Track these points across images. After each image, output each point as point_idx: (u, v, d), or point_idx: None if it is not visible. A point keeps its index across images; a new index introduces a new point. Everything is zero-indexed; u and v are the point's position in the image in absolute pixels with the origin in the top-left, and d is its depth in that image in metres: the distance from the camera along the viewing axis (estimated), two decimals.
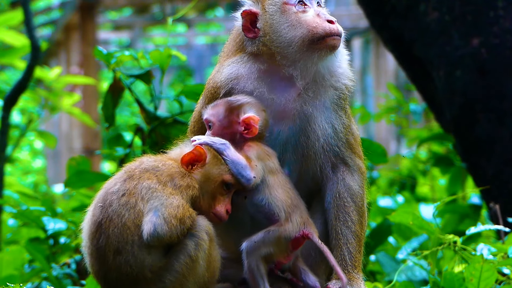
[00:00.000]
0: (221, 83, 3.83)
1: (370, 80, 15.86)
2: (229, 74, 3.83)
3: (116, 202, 3.41)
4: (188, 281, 3.43)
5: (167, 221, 3.35)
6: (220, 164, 3.61)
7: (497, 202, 5.33)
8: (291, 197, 3.68)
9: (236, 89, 3.80)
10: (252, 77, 3.81)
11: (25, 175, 19.94)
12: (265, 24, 3.79)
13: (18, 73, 8.68)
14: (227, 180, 3.60)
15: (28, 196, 6.52)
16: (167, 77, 20.16)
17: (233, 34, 3.97)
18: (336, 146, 3.84)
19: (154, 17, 19.67)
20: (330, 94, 3.84)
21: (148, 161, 3.56)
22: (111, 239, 3.38)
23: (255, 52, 3.82)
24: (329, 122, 3.83)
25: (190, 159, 3.58)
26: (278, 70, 3.80)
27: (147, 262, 3.38)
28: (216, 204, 3.59)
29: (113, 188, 3.46)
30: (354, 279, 3.74)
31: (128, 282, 3.40)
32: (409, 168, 9.04)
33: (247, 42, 3.84)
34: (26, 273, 5.22)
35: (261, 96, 3.78)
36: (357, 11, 13.68)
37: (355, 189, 3.85)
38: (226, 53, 3.96)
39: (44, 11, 17.12)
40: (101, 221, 3.41)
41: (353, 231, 3.80)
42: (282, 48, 3.76)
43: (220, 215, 3.59)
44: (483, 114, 5.71)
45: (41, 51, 6.97)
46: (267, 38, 3.77)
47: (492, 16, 5.72)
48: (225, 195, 3.62)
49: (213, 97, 3.83)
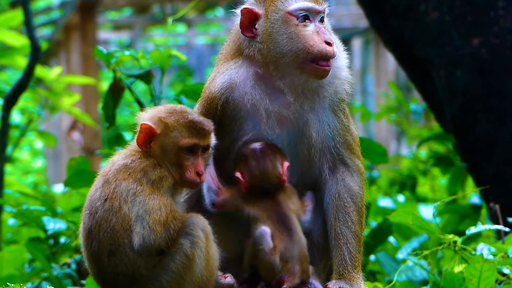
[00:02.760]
0: (215, 94, 3.79)
1: (370, 80, 15.86)
2: (223, 84, 3.79)
3: (101, 208, 3.45)
4: (185, 280, 3.43)
5: (153, 229, 3.38)
6: (171, 131, 3.55)
7: (497, 202, 5.32)
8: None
9: (232, 98, 3.78)
10: (248, 84, 3.78)
11: (25, 175, 19.93)
12: (264, 31, 3.74)
13: (18, 73, 8.69)
14: (183, 145, 3.55)
15: (28, 196, 6.52)
16: (167, 77, 20.17)
17: (232, 34, 3.94)
18: (334, 147, 3.83)
19: (154, 17, 19.66)
20: (327, 99, 3.83)
21: (118, 160, 3.56)
22: (103, 243, 3.44)
23: (250, 55, 3.78)
24: (327, 123, 3.82)
25: (143, 138, 3.56)
26: (272, 77, 3.78)
27: (139, 261, 3.41)
28: (184, 172, 3.54)
29: (94, 195, 3.50)
30: (354, 279, 3.73)
31: (125, 281, 3.43)
32: (409, 168, 9.04)
33: (244, 43, 3.80)
34: (26, 273, 5.22)
35: (257, 102, 3.77)
36: (357, 11, 13.69)
37: (355, 189, 3.85)
38: (224, 56, 3.92)
39: (44, 11, 17.12)
40: (90, 227, 3.47)
41: (353, 231, 3.79)
42: (277, 58, 3.72)
43: (191, 180, 3.55)
44: (483, 114, 5.71)
45: (41, 51, 6.96)
46: (264, 47, 3.73)
47: (492, 16, 5.72)
48: (190, 159, 3.56)
49: (209, 107, 3.81)
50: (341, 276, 3.73)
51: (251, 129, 3.79)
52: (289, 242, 3.70)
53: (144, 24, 19.56)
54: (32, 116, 8.48)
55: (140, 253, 3.39)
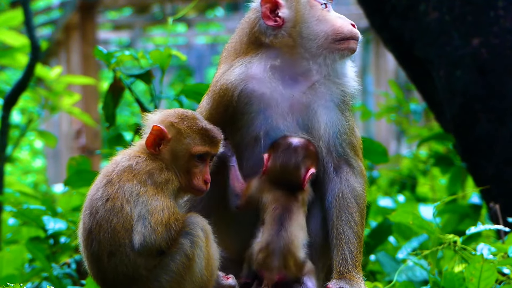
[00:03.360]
0: (232, 84, 3.80)
1: (370, 80, 15.86)
2: (239, 75, 3.81)
3: (102, 208, 3.43)
4: (185, 280, 3.43)
5: (154, 229, 3.37)
6: (184, 138, 3.55)
7: (497, 202, 5.32)
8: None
9: (246, 91, 3.79)
10: (265, 77, 3.80)
11: (25, 175, 19.94)
12: (291, 16, 3.82)
13: (18, 73, 8.69)
14: (195, 152, 3.55)
15: (28, 196, 6.52)
16: (167, 77, 20.16)
17: (243, 29, 3.94)
18: (340, 146, 3.86)
19: (154, 17, 19.67)
20: (338, 95, 3.88)
21: (122, 161, 3.53)
22: (103, 244, 3.42)
23: (273, 44, 3.82)
24: (335, 121, 3.86)
25: (153, 140, 3.55)
26: (292, 65, 3.83)
27: (139, 261, 3.40)
28: (192, 178, 3.55)
29: (96, 194, 3.47)
30: (355, 278, 3.73)
31: (125, 281, 3.42)
32: (409, 168, 9.03)
33: (267, 32, 3.83)
34: (26, 273, 5.22)
35: (272, 96, 3.78)
36: (357, 11, 13.67)
37: (359, 190, 3.87)
38: (234, 51, 3.92)
39: (44, 11, 17.12)
40: (91, 228, 3.45)
41: (355, 232, 3.80)
42: (307, 41, 3.81)
43: (198, 188, 3.55)
44: (483, 114, 5.71)
45: (41, 51, 6.96)
46: (296, 29, 3.82)
47: (492, 16, 5.73)
48: (199, 166, 3.56)
49: (222, 100, 3.81)
50: (341, 275, 3.73)
51: (263, 124, 3.80)
52: (275, 236, 3.70)
53: (144, 24, 19.56)
54: (32, 116, 8.48)
55: (140, 252, 3.38)
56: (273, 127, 3.80)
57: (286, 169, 3.78)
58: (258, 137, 3.80)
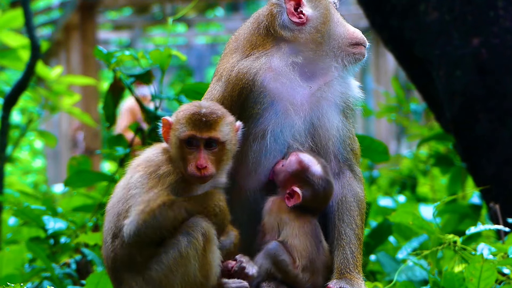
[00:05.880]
0: (253, 71, 3.81)
1: (370, 80, 15.87)
2: (262, 64, 3.83)
3: (120, 193, 3.59)
4: (174, 276, 3.46)
5: (136, 220, 3.46)
6: (176, 125, 3.59)
7: (497, 202, 5.32)
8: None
9: (266, 80, 3.80)
10: (286, 71, 3.83)
11: (25, 175, 19.95)
12: (322, 13, 3.90)
13: (18, 73, 8.67)
14: (182, 138, 3.56)
15: (28, 195, 6.52)
16: (167, 77, 20.18)
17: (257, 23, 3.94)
18: (344, 149, 3.91)
19: (154, 17, 19.69)
20: (345, 99, 3.93)
21: (147, 152, 3.67)
22: (110, 225, 3.56)
23: (295, 39, 3.86)
24: (340, 125, 3.90)
25: (163, 132, 3.65)
26: (313, 60, 3.87)
27: (133, 249, 3.49)
28: (186, 165, 3.55)
29: (121, 182, 3.65)
30: (355, 279, 3.76)
31: (124, 264, 3.52)
32: (409, 168, 9.04)
33: (290, 27, 3.87)
34: (27, 273, 5.23)
35: (285, 90, 3.80)
36: (357, 11, 13.68)
37: (361, 195, 3.92)
38: (249, 43, 3.91)
39: (44, 11, 17.13)
40: (108, 209, 3.63)
41: (356, 234, 3.85)
42: (332, 40, 3.90)
43: (191, 174, 3.54)
44: (483, 114, 5.71)
45: (41, 51, 6.97)
46: (325, 26, 3.89)
47: (492, 16, 5.73)
48: (193, 153, 3.56)
49: (240, 83, 3.81)
50: (342, 275, 3.75)
51: (272, 117, 3.81)
52: (316, 254, 3.74)
53: (144, 24, 19.58)
54: (32, 116, 8.48)
55: (130, 242, 3.47)
56: (281, 123, 3.81)
57: (329, 196, 3.82)
58: (265, 132, 3.81)
